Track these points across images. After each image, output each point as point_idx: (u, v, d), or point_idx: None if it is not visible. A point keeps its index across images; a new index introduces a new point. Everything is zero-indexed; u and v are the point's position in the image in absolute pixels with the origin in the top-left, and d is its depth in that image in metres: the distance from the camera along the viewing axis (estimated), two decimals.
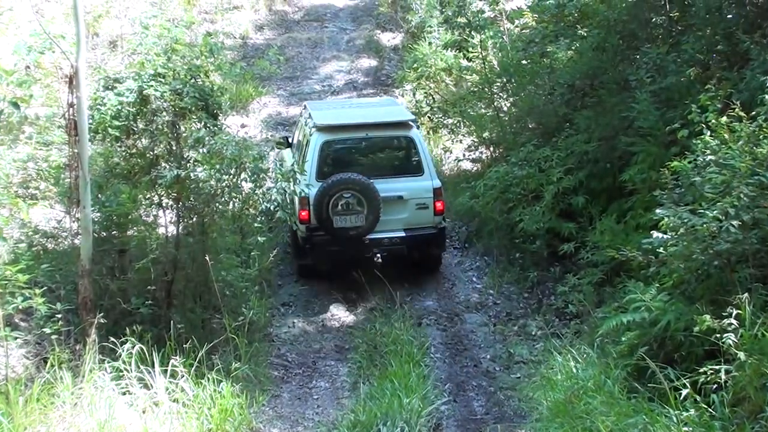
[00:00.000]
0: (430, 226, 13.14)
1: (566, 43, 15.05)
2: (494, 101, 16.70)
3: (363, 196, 12.64)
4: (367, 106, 15.97)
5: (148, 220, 11.00)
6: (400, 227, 13.09)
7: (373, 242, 12.93)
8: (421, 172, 13.19)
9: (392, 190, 12.99)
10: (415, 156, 13.28)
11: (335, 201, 12.60)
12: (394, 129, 13.51)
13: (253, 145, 11.10)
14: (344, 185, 12.60)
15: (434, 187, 13.13)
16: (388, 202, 12.88)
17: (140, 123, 10.91)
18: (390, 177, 13.16)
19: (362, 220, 12.69)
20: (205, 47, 11.32)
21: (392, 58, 25.55)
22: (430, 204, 13.09)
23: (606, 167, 12.72)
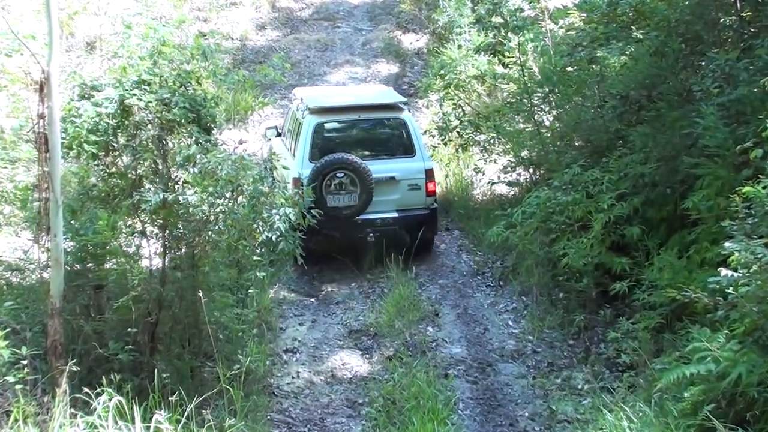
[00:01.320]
0: (422, 207, 15.40)
1: (619, 47, 15.03)
2: (534, 114, 16.72)
3: (356, 175, 14.78)
4: (358, 90, 17.80)
5: (129, 251, 11.01)
6: (392, 208, 15.31)
7: (365, 222, 15.11)
8: (413, 153, 15.45)
9: (384, 171, 15.22)
10: (406, 137, 15.50)
11: (328, 181, 14.74)
12: (386, 111, 15.81)
13: (252, 164, 11.12)
14: (337, 165, 14.73)
15: (426, 168, 15.39)
16: (381, 183, 15.07)
17: (121, 138, 10.96)
18: (382, 158, 15.49)
19: (355, 199, 14.87)
20: (197, 50, 11.38)
21: (415, 64, 25.70)
22: (422, 185, 15.35)
23: (666, 193, 12.69)
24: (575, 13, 16.74)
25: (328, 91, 18.96)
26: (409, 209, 15.38)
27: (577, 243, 12.91)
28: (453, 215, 17.72)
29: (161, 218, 10.67)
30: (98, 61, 21.29)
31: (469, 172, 18.28)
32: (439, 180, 18.66)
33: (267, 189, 11.23)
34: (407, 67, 25.91)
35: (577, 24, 16.58)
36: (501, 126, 17.29)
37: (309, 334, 13.35)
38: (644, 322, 11.43)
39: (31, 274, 10.91)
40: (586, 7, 16.00)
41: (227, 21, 26.91)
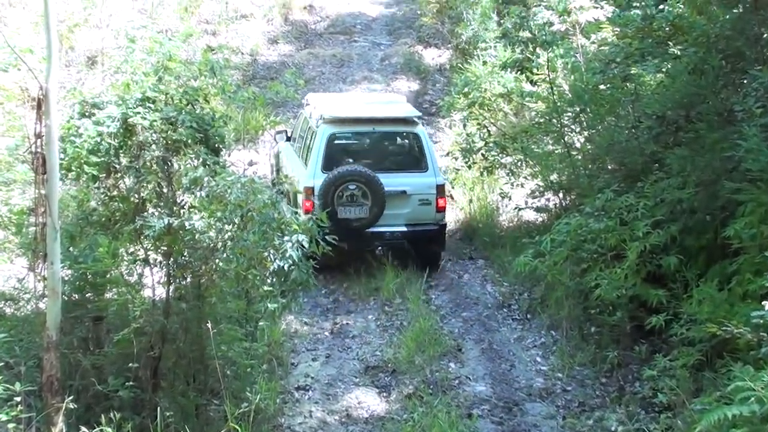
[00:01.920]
0: (432, 223, 16.24)
1: (655, 63, 15.03)
2: (564, 135, 16.71)
3: (368, 188, 15.63)
4: (372, 99, 18.85)
5: (130, 280, 11.03)
6: (402, 222, 16.16)
7: (374, 235, 16.06)
8: (426, 168, 16.22)
9: (396, 184, 16.02)
10: (420, 152, 16.31)
11: (340, 192, 15.57)
12: (401, 125, 16.65)
13: (263, 187, 11.14)
14: (350, 177, 15.58)
15: (437, 184, 16.21)
16: (392, 197, 15.85)
17: (123, 159, 11.00)
18: (394, 172, 16.29)
19: (366, 212, 15.72)
20: (205, 65, 11.42)
21: (437, 81, 25.78)
22: (433, 200, 16.19)
23: (705, 220, 12.65)
24: (608, 28, 16.73)
25: (342, 98, 19.52)
26: (419, 224, 16.21)
27: (611, 273, 12.86)
28: (477, 243, 17.72)
29: (165, 245, 10.68)
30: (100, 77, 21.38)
31: (495, 196, 18.29)
32: (463, 205, 18.69)
33: (279, 214, 11.24)
34: (428, 85, 26.00)
35: (611, 39, 16.59)
36: (529, 148, 17.29)
37: (322, 370, 13.32)
38: (682, 359, 11.37)
39: (25, 305, 10.91)
40: (619, 21, 15.99)
41: (237, 34, 27.04)
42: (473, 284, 16.24)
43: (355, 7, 33.08)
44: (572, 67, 18.04)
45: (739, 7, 13.96)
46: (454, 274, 16.63)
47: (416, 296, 15.13)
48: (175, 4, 25.86)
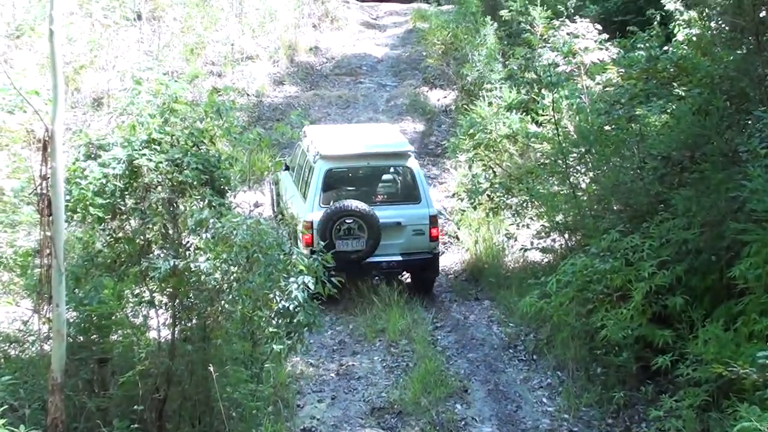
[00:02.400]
0: (426, 251, 17.04)
1: (660, 104, 15.10)
2: (570, 176, 16.72)
3: (364, 222, 16.40)
4: (367, 133, 19.51)
5: (136, 322, 11.04)
6: (397, 252, 16.99)
7: (372, 265, 16.86)
8: (419, 200, 17.08)
9: (391, 216, 16.86)
10: (413, 185, 17.22)
11: (338, 226, 16.35)
12: (395, 159, 17.54)
13: (269, 229, 11.16)
14: (346, 212, 16.37)
15: (430, 215, 17.00)
16: (387, 228, 16.66)
17: (129, 200, 11.05)
18: (389, 204, 17.25)
19: (363, 244, 16.47)
20: (210, 107, 11.49)
21: (443, 122, 25.85)
22: (426, 230, 16.97)
23: (710, 260, 12.65)
24: (613, 69, 16.85)
25: (337, 132, 20.02)
26: (413, 253, 17.05)
27: (616, 314, 12.85)
28: (483, 284, 17.71)
29: (171, 287, 10.70)
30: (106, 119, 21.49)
31: (501, 237, 18.27)
32: (469, 246, 18.69)
33: (284, 255, 11.26)
34: (434, 126, 26.06)
35: (615, 80, 16.67)
36: (534, 188, 17.29)
37: (328, 412, 13.30)
38: (689, 399, 11.35)
39: (30, 347, 10.91)
40: (624, 62, 16.11)
41: (243, 76, 27.14)
42: (479, 325, 16.22)
43: (360, 48, 33.27)
44: (577, 108, 18.10)
45: (742, 48, 14.04)
46: (460, 314, 16.62)
47: (422, 337, 15.13)
48: (181, 45, 25.98)
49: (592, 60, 18.16)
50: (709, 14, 16.18)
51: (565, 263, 14.23)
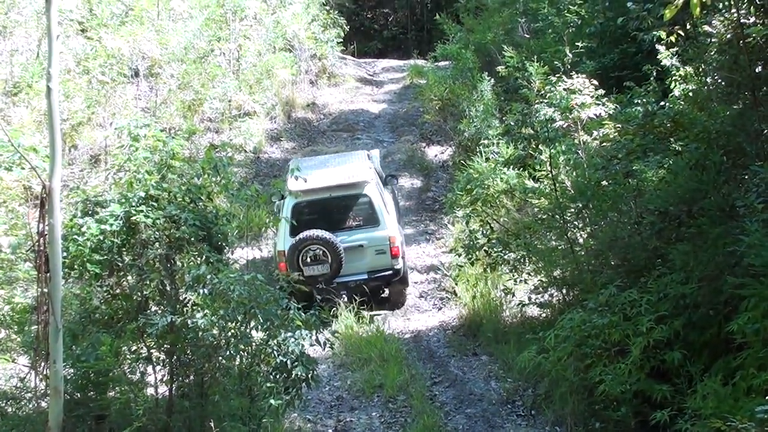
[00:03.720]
0: (388, 268, 19.34)
1: (656, 159, 15.16)
2: (567, 231, 16.75)
3: (327, 248, 18.67)
4: (337, 164, 21.36)
5: (133, 379, 11.06)
6: (363, 270, 19.31)
7: (340, 284, 19.08)
8: (378, 223, 19.37)
9: (354, 240, 19.27)
10: (371, 210, 19.49)
11: (304, 254, 18.64)
12: (352, 188, 19.62)
13: (266, 285, 11.21)
14: (310, 241, 18.63)
15: (389, 236, 19.28)
16: (352, 250, 19.05)
17: (126, 257, 11.09)
18: (352, 229, 19.49)
19: (327, 268, 18.72)
20: (208, 163, 11.55)
21: (440, 178, 25.94)
22: (387, 249, 19.27)
23: (708, 315, 12.64)
24: (610, 124, 16.87)
25: (315, 164, 21.69)
26: (377, 270, 19.37)
27: (615, 369, 12.85)
28: (481, 339, 17.70)
29: (168, 343, 10.73)
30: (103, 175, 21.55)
31: (498, 292, 18.28)
32: (466, 301, 18.70)
33: (282, 311, 11.29)
34: (431, 181, 26.15)
35: (612, 135, 16.70)
36: (532, 244, 17.32)
37: None
38: None
39: (27, 404, 10.90)
40: (621, 117, 16.17)
41: (240, 132, 27.19)
42: (477, 380, 16.21)
43: (357, 104, 33.43)
44: (574, 164, 18.16)
45: (739, 103, 14.13)
46: (458, 370, 16.61)
47: (420, 392, 15.13)
48: (178, 102, 26.08)
49: (589, 115, 18.18)
50: (705, 70, 16.31)
51: (563, 318, 14.24)
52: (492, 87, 26.97)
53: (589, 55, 23.96)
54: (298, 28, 33.60)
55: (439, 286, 20.52)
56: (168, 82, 26.42)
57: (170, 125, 24.40)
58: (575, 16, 25.99)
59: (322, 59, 35.39)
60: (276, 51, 31.90)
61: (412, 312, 19.61)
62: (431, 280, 21.04)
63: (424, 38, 48.72)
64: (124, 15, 26.64)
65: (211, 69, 27.61)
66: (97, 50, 24.00)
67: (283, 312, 11.32)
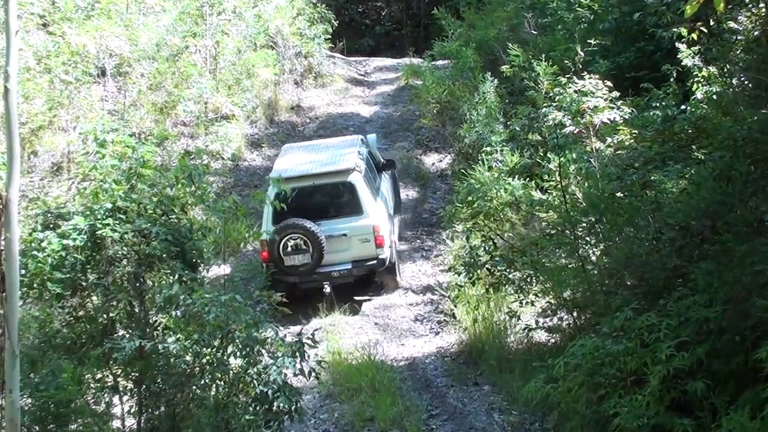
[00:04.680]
0: (373, 258, 20.79)
1: (677, 169, 15.16)
2: (578, 248, 16.74)
3: (308, 238, 20.03)
4: (324, 150, 23.00)
5: (98, 410, 11.02)
6: (347, 260, 20.76)
7: (324, 274, 20.60)
8: (362, 212, 20.76)
9: (337, 229, 20.68)
10: (355, 198, 20.84)
11: (285, 243, 20.01)
12: (336, 176, 21.07)
13: (244, 307, 11.18)
14: (291, 230, 20.00)
15: (373, 225, 20.67)
16: (335, 239, 20.51)
17: (91, 275, 11.07)
18: (335, 218, 20.88)
19: (308, 258, 20.13)
20: (181, 172, 11.53)
21: (438, 188, 25.97)
22: (371, 239, 20.67)
23: (735, 341, 12.62)
24: (625, 130, 16.88)
25: (301, 152, 23.33)
26: (362, 260, 20.79)
27: (631, 401, 12.81)
28: (483, 367, 17.68)
29: (137, 371, 10.70)
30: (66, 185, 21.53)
31: (502, 316, 18.26)
32: (467, 325, 18.69)
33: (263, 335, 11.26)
34: (428, 192, 26.17)
35: (628, 142, 16.72)
36: (539, 262, 17.29)
37: None
38: None
39: None
40: (638, 123, 16.15)
41: (217, 137, 27.13)
42: (479, 413, 16.19)
43: (347, 107, 33.47)
44: (586, 173, 18.11)
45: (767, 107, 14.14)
46: (458, 401, 16.59)
47: (416, 426, 15.11)
48: (149, 104, 26.05)
49: (602, 120, 18.15)
50: (730, 70, 16.32)
51: (574, 344, 14.20)
52: (495, 89, 26.96)
53: (602, 53, 23.99)
54: (281, 23, 33.61)
55: (437, 308, 20.51)
56: (138, 82, 26.41)
57: (140, 130, 24.40)
58: (587, 11, 26.00)
59: (308, 57, 35.40)
60: (257, 48, 31.93)
61: (407, 337, 19.55)
62: (428, 301, 21.01)
63: (420, 35, 48.79)
64: (89, 8, 26.64)
65: (186, 68, 27.59)
66: (60, 47, 23.98)
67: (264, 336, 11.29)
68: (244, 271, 20.69)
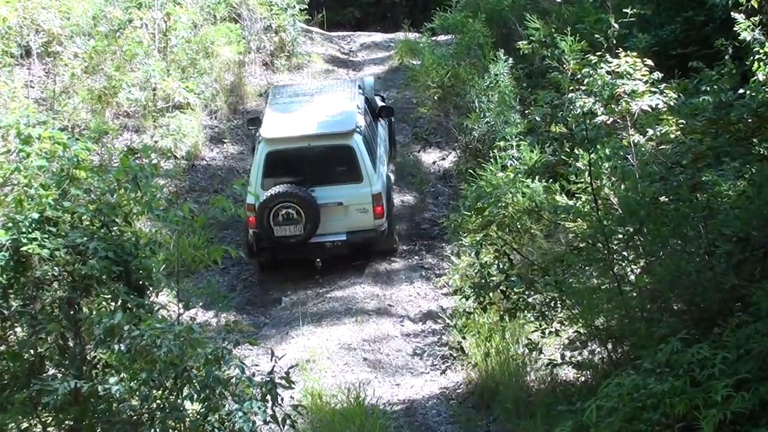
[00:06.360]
0: (371, 229, 22.57)
1: (734, 167, 15.16)
2: (614, 265, 16.75)
3: (301, 207, 21.69)
4: (320, 100, 24.58)
5: None
6: (342, 230, 22.52)
7: (316, 245, 22.36)
8: (360, 179, 22.41)
9: (332, 197, 22.38)
10: (354, 163, 22.40)
11: (276, 212, 21.63)
12: (335, 139, 22.71)
13: (203, 339, 11.18)
14: (283, 198, 21.66)
15: (373, 193, 22.39)
16: (329, 208, 22.28)
17: (14, 302, 11.06)
18: (331, 184, 22.49)
19: (301, 229, 21.82)
20: (124, 174, 11.54)
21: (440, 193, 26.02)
22: (370, 208, 22.43)
23: None
24: (670, 120, 16.84)
25: (293, 101, 24.98)
26: (358, 231, 22.59)
27: None
28: (497, 412, 17.66)
29: (71, 418, 10.71)
30: None
31: (520, 348, 18.27)
32: (477, 361, 18.66)
33: (226, 373, 11.25)
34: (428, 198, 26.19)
35: (674, 135, 16.69)
36: (565, 282, 17.31)
37: None
38: None
39: None
40: (685, 110, 16.12)
41: (169, 131, 27.05)
42: None
43: None
44: (623, 173, 18.08)
45: None
46: None
47: None
48: (85, 91, 25.99)
49: (641, 108, 18.12)
50: None
51: (609, 383, 14.19)
52: (510, 70, 26.98)
53: (641, 26, 24.05)
54: None
55: (440, 340, 20.46)
56: (71, 63, 26.39)
57: (73, 122, 24.39)
58: None
59: (280, 33, 35.36)
60: (217, 21, 31.93)
61: (403, 375, 19.49)
62: (429, 331, 20.98)
63: (417, 3, 48.70)
64: None
65: (129, 46, 27.58)
66: None
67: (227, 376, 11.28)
68: (202, 295, 20.79)
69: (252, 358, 17.14)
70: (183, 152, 26.97)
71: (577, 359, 16.88)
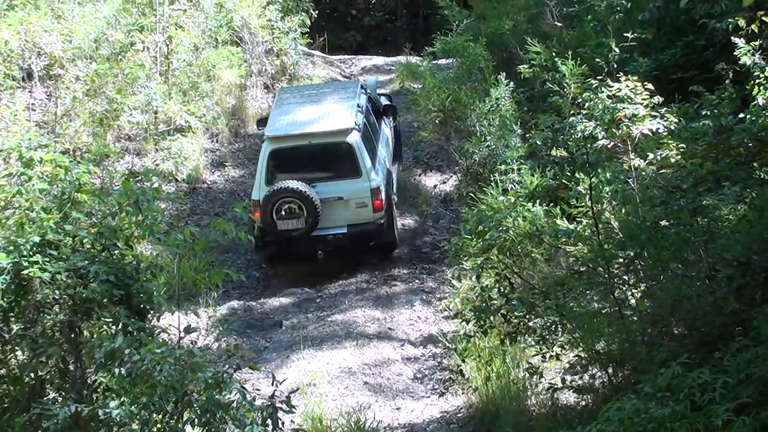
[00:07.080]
0: (371, 222, 23.82)
1: (735, 191, 15.15)
2: (614, 289, 16.73)
3: (302, 202, 22.96)
4: (323, 101, 25.87)
5: None
6: (343, 224, 23.82)
7: (317, 239, 23.64)
8: (359, 174, 23.71)
9: (333, 192, 23.68)
10: (353, 159, 23.72)
11: (278, 206, 22.94)
12: (334, 136, 24.02)
13: (204, 364, 11.15)
14: (284, 193, 22.96)
15: (371, 188, 23.67)
16: (330, 203, 23.54)
17: (15, 325, 11.05)
18: (331, 180, 23.86)
19: (302, 223, 23.12)
20: (125, 197, 11.53)
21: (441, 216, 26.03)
22: (369, 202, 23.70)
23: None
24: (671, 144, 16.85)
25: (299, 101, 26.13)
26: (358, 224, 23.86)
27: None
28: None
29: None
30: None
31: (521, 373, 18.25)
32: (477, 385, 18.63)
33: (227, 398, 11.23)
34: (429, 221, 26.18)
35: (675, 159, 16.69)
36: (566, 306, 17.29)
37: None
38: None
39: None
40: (686, 134, 16.11)
41: (170, 155, 27.05)
42: None
43: None
44: (623, 197, 18.08)
45: None
46: None
47: None
48: (86, 114, 25.99)
49: (642, 132, 18.12)
50: None
51: (609, 408, 14.17)
52: (511, 93, 27.00)
53: (642, 50, 24.08)
54: (248, 13, 33.64)
55: (440, 363, 20.45)
56: (72, 87, 26.38)
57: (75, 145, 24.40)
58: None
59: (281, 56, 35.39)
60: (219, 45, 31.95)
61: (404, 399, 19.46)
62: (429, 355, 20.96)
63: (419, 27, 48.91)
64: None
65: (131, 69, 27.58)
66: None
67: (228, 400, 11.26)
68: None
69: (253, 381, 17.17)
70: (184, 175, 26.98)
71: (578, 383, 16.85)
